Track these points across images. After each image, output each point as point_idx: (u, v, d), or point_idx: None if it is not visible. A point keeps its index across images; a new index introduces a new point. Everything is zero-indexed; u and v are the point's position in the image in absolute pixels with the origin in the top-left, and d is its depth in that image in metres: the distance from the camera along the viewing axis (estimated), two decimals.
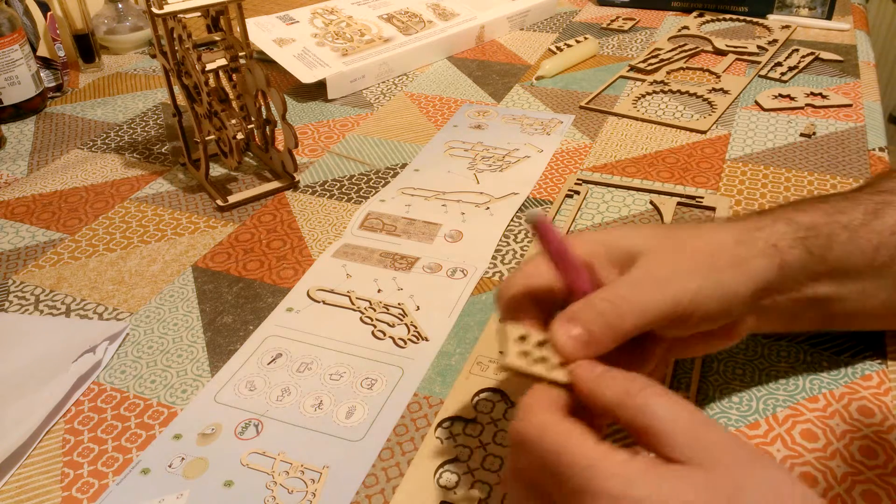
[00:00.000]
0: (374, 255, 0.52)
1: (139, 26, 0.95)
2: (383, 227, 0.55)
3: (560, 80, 0.81)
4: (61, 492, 0.37)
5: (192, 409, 0.41)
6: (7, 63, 0.73)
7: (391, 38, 0.86)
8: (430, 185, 0.61)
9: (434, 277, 0.50)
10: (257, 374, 0.43)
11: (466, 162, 0.64)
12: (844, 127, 0.68)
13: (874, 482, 0.35)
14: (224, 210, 0.59)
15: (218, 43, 0.59)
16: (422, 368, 0.43)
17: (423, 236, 0.54)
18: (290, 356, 0.44)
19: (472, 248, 0.53)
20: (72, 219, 0.59)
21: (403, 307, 0.47)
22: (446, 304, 0.47)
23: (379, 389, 0.41)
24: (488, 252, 0.52)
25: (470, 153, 0.66)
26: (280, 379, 0.42)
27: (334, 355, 0.44)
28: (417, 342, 0.45)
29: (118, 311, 0.49)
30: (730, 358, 0.43)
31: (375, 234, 0.55)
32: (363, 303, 0.48)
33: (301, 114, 0.76)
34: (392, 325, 0.46)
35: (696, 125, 0.69)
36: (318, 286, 0.50)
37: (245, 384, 0.42)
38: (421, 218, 0.56)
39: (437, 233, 0.54)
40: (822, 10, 0.93)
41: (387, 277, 0.50)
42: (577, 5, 1.07)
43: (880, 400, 0.40)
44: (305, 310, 0.48)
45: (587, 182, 0.61)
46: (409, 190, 0.60)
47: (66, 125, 0.76)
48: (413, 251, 0.53)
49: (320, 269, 0.51)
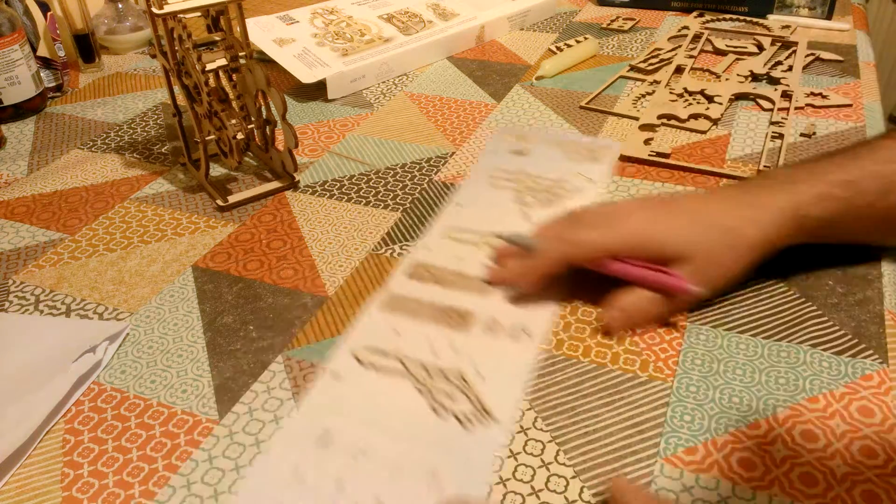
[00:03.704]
0: (426, 310, 0.47)
1: (139, 26, 0.95)
2: (432, 279, 0.50)
3: (560, 80, 0.81)
4: (61, 492, 0.37)
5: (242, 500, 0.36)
6: (7, 63, 0.73)
7: (391, 38, 0.86)
8: (477, 225, 0.55)
9: (494, 338, 0.45)
10: (305, 460, 0.37)
11: (511, 195, 0.59)
12: (844, 127, 0.68)
13: (874, 482, 0.35)
14: (224, 210, 0.59)
15: (218, 43, 0.59)
16: (493, 457, 0.37)
17: (477, 290, 0.49)
18: (342, 437, 0.38)
19: (533, 305, 0.47)
20: (72, 219, 0.59)
21: (464, 375, 0.42)
22: (512, 371, 0.42)
23: (446, 480, 0.36)
24: (552, 309, 0.47)
25: (514, 184, 0.60)
26: (333, 469, 0.37)
27: (391, 437, 0.38)
28: (484, 422, 0.39)
29: (118, 311, 0.49)
30: (730, 358, 0.43)
31: (424, 284, 0.49)
32: (417, 368, 0.42)
33: (301, 114, 0.76)
34: (453, 397, 0.40)
35: (696, 125, 0.69)
36: (365, 345, 0.44)
37: (293, 473, 0.37)
38: (473, 271, 0.50)
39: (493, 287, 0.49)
40: (822, 10, 0.93)
41: (441, 337, 0.45)
42: (577, 5, 1.07)
43: (880, 400, 0.40)
44: (352, 376, 0.42)
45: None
46: (454, 233, 0.54)
47: (66, 125, 0.76)
48: (468, 306, 0.47)
49: (366, 324, 0.46)
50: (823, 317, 0.46)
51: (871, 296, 0.47)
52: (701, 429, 0.38)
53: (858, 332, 0.44)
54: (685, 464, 0.37)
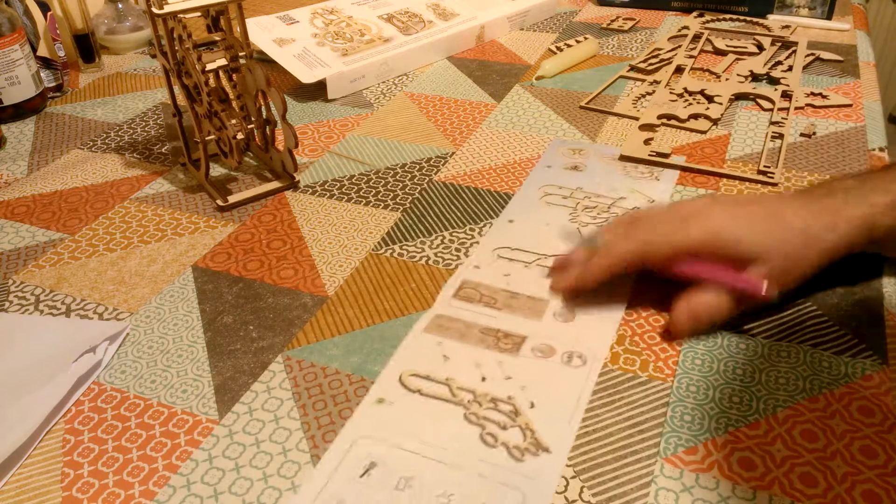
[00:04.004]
0: (474, 332, 0.45)
1: (139, 26, 0.95)
2: (481, 299, 0.48)
3: (560, 80, 0.81)
4: (61, 492, 0.37)
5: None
6: (7, 63, 0.73)
7: (391, 38, 0.86)
8: (529, 245, 0.53)
9: (547, 364, 0.43)
10: (349, 491, 0.36)
11: (566, 212, 0.56)
12: (844, 127, 0.68)
13: (874, 482, 0.35)
14: (224, 210, 0.59)
15: (218, 43, 0.59)
16: (546, 493, 0.35)
17: (528, 311, 0.47)
18: (387, 467, 0.37)
19: (588, 329, 0.45)
20: (72, 219, 0.59)
21: (514, 403, 0.40)
22: (566, 401, 0.40)
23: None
24: (608, 335, 0.45)
25: (569, 201, 0.58)
26: (376, 500, 0.35)
27: (439, 468, 0.36)
28: (537, 454, 0.37)
29: (118, 311, 0.49)
30: (730, 358, 0.43)
31: (472, 304, 0.48)
32: (466, 394, 0.41)
33: (301, 114, 0.76)
34: (503, 426, 0.39)
35: (696, 125, 0.69)
36: (412, 370, 0.43)
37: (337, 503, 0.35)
38: (524, 292, 0.48)
39: (545, 309, 0.47)
40: (822, 10, 0.93)
41: (491, 361, 0.43)
42: (577, 5, 1.07)
43: (880, 400, 0.40)
44: (399, 402, 0.40)
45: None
46: (505, 252, 0.52)
47: (66, 125, 0.76)
48: (518, 328, 0.45)
49: (412, 346, 0.44)
50: (823, 317, 0.46)
51: (871, 296, 0.47)
52: (701, 429, 0.38)
53: (858, 332, 0.44)
54: (685, 464, 0.37)
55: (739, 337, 0.44)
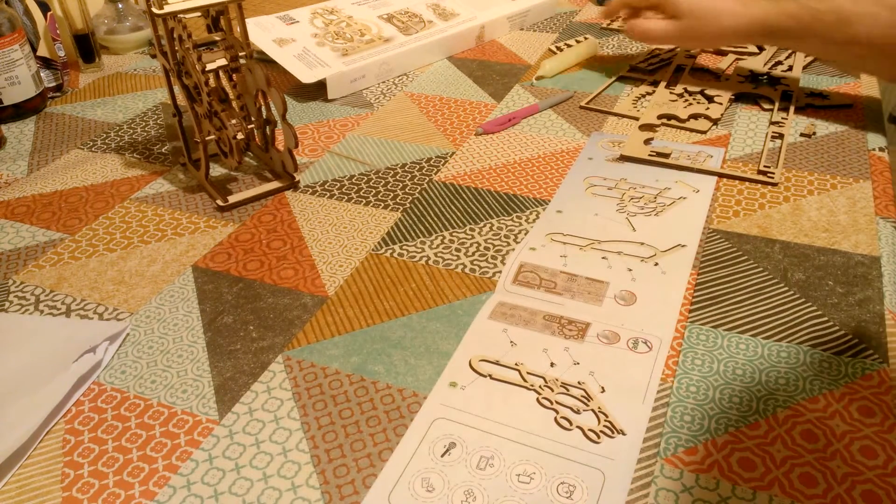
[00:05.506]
0: (538, 318, 0.46)
1: (139, 26, 0.95)
2: (541, 284, 0.49)
3: (560, 80, 0.81)
4: (61, 492, 0.37)
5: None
6: (7, 63, 0.73)
7: (391, 38, 0.86)
8: (581, 232, 0.54)
9: (613, 350, 0.43)
10: (432, 469, 0.37)
11: (614, 203, 0.57)
12: (844, 127, 0.68)
13: (874, 482, 0.35)
14: (224, 210, 0.59)
15: (218, 43, 0.59)
16: (626, 473, 0.36)
17: (589, 296, 0.48)
18: (466, 446, 0.38)
19: (650, 314, 0.46)
20: (72, 219, 0.59)
21: (585, 388, 0.41)
22: (636, 385, 0.41)
23: (580, 499, 0.35)
24: (671, 320, 0.46)
25: (615, 192, 0.59)
26: (460, 478, 0.36)
27: (517, 448, 0.37)
28: (613, 436, 0.38)
29: (118, 311, 0.49)
30: (730, 358, 0.43)
31: (533, 290, 0.48)
32: (536, 379, 0.42)
33: (301, 114, 0.76)
34: (577, 410, 0.39)
35: (696, 125, 0.69)
36: (481, 356, 0.43)
37: (421, 481, 0.36)
38: (583, 273, 0.50)
39: (605, 292, 0.48)
40: None
41: (558, 347, 0.44)
42: (577, 5, 1.07)
43: (880, 400, 0.40)
44: (471, 385, 0.42)
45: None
46: (558, 237, 0.53)
47: (66, 125, 0.76)
48: (581, 314, 0.46)
49: (479, 331, 0.45)
50: (823, 317, 0.46)
51: (871, 296, 0.47)
52: (701, 429, 0.38)
53: (858, 332, 0.44)
54: (685, 464, 0.37)
55: (739, 337, 0.44)
